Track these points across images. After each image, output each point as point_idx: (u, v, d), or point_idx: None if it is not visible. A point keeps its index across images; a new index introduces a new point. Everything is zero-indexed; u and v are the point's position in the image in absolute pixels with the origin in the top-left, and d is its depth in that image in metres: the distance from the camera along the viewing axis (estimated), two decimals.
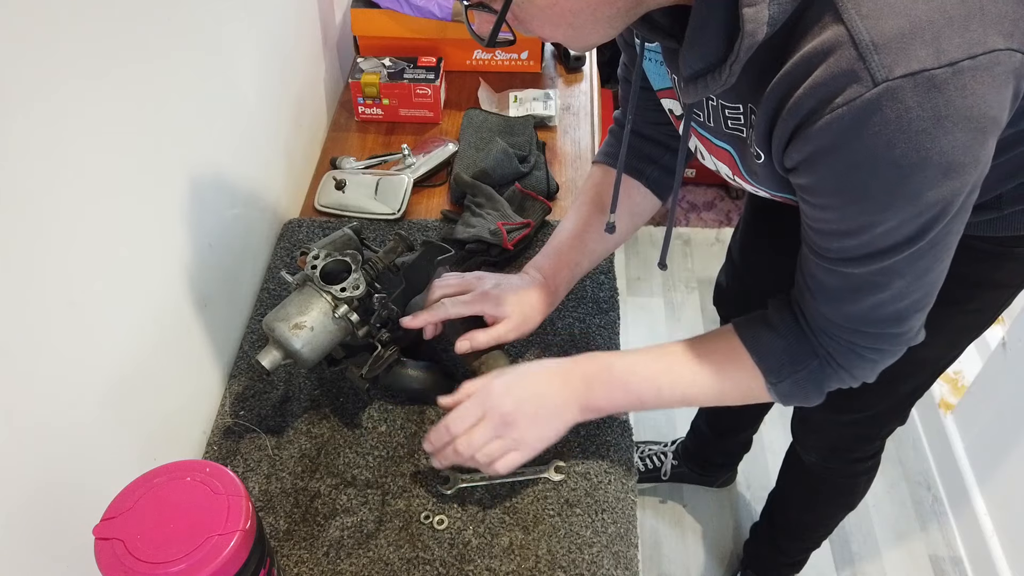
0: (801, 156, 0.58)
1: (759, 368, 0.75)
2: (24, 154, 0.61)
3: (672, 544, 1.76)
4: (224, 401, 0.98)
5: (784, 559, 1.56)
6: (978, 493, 1.72)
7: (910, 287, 0.65)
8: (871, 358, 0.72)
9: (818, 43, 0.53)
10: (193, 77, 0.90)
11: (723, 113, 0.68)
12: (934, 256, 0.63)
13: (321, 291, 0.83)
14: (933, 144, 0.53)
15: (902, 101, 0.51)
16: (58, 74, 0.64)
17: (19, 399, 0.63)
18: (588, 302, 1.07)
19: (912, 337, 0.71)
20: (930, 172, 0.54)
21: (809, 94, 0.54)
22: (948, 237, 0.62)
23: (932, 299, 0.69)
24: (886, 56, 0.51)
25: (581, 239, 0.95)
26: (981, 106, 0.52)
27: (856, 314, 0.68)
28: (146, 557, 0.59)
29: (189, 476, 0.65)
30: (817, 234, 0.65)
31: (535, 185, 1.22)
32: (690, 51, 0.59)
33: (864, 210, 0.59)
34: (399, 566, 0.82)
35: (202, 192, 0.94)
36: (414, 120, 1.39)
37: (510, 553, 0.84)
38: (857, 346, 0.71)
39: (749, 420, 1.61)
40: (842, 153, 0.55)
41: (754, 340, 0.76)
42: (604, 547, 0.84)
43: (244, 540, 0.62)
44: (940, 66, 0.50)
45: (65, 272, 0.68)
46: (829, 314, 0.70)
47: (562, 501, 0.88)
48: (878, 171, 0.55)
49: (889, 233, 0.60)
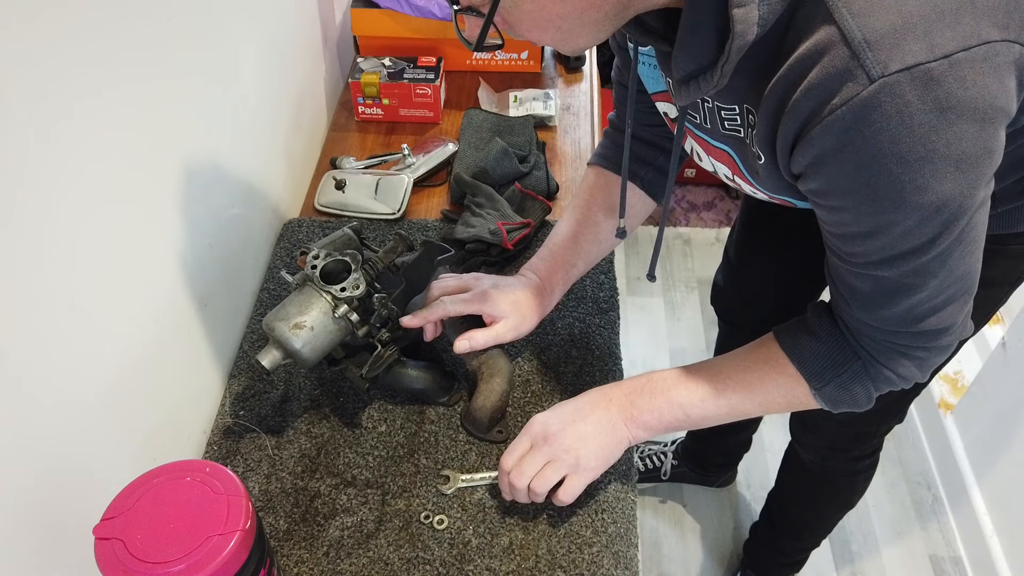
0: (807, 160, 0.58)
1: (801, 374, 0.74)
2: (24, 155, 0.61)
3: (672, 544, 1.76)
4: (224, 401, 0.98)
5: (783, 559, 1.56)
6: (978, 493, 1.72)
7: (944, 284, 0.64)
8: (918, 356, 0.71)
9: (811, 44, 0.53)
10: (193, 77, 0.90)
11: (719, 115, 0.68)
12: (963, 251, 0.62)
13: (321, 291, 0.83)
14: (939, 137, 0.52)
15: (901, 96, 0.51)
16: (58, 75, 0.64)
17: (19, 399, 0.63)
18: (588, 302, 1.08)
19: (958, 330, 0.70)
20: (940, 165, 0.54)
21: (807, 96, 0.54)
22: (974, 231, 0.61)
23: (973, 290, 0.67)
24: (879, 52, 0.51)
25: (576, 241, 0.95)
26: (985, 96, 0.52)
27: (893, 317, 0.67)
28: (146, 557, 0.59)
29: (189, 476, 0.65)
30: (839, 239, 0.64)
31: (535, 185, 1.22)
32: (682, 53, 0.59)
33: (878, 210, 0.58)
34: (399, 566, 0.82)
35: (202, 192, 0.94)
36: (414, 120, 1.39)
37: (510, 553, 0.84)
38: (900, 346, 0.70)
39: (748, 420, 1.61)
40: (847, 153, 0.55)
41: (794, 345, 0.75)
42: (604, 547, 0.84)
43: (244, 540, 0.62)
44: (935, 59, 0.50)
45: (65, 272, 0.68)
46: (866, 319, 0.69)
47: None
48: (885, 168, 0.54)
49: (911, 233, 0.59)
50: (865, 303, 0.68)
